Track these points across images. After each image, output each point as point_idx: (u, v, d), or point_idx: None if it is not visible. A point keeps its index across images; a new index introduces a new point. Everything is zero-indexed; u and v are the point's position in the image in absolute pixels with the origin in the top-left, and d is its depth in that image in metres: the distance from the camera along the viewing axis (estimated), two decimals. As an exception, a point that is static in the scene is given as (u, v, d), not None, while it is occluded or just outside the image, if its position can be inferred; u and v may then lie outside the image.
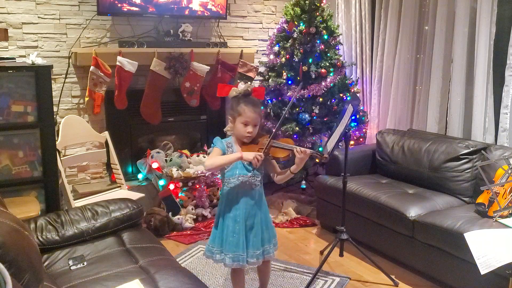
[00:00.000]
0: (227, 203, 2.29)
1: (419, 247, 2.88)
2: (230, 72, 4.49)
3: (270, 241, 2.36)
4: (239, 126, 2.22)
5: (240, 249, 2.24)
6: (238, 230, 2.25)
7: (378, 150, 3.79)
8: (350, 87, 4.16)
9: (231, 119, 2.26)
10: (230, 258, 2.25)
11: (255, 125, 2.23)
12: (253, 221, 2.28)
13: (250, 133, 2.22)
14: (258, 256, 2.29)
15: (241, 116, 2.20)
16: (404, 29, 4.04)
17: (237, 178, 2.25)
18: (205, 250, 2.37)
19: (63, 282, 1.95)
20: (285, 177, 2.32)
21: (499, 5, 3.32)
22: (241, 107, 2.21)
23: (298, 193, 4.44)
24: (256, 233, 2.29)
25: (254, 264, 2.33)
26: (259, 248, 2.29)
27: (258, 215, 2.30)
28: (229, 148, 2.26)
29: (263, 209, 2.35)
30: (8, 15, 3.69)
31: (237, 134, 2.25)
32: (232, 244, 2.25)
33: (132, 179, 4.31)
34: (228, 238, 2.26)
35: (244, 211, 2.26)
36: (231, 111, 2.27)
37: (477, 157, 3.19)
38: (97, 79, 3.90)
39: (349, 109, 2.69)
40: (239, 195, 2.26)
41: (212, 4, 4.38)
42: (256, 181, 2.28)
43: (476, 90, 3.45)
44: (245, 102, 2.22)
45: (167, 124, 4.53)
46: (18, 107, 2.62)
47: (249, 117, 2.20)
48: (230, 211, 2.27)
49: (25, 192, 2.73)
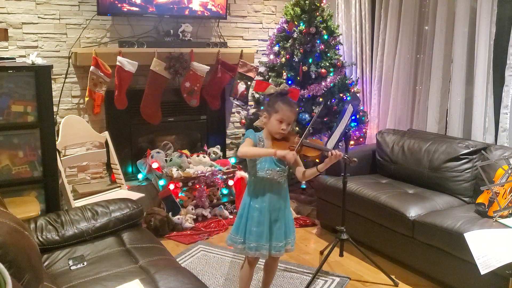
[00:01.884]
0: (253, 194, 2.35)
1: (419, 247, 2.87)
2: (230, 72, 4.49)
3: (292, 234, 2.42)
4: (275, 122, 2.28)
5: (264, 240, 2.30)
6: (263, 221, 2.31)
7: (378, 150, 3.78)
8: (350, 87, 4.16)
9: (266, 115, 2.32)
10: (253, 247, 2.30)
11: (289, 124, 2.30)
12: (277, 214, 2.34)
13: (284, 130, 2.29)
14: (280, 248, 2.34)
15: (277, 113, 2.27)
16: (404, 29, 4.04)
17: (265, 171, 2.31)
18: (227, 239, 2.42)
19: (63, 282, 1.95)
20: (311, 174, 2.39)
21: (499, 5, 3.32)
22: (278, 104, 2.28)
23: (298, 193, 4.44)
24: (280, 226, 2.35)
25: (276, 256, 2.39)
26: (282, 240, 2.35)
27: (282, 209, 2.36)
28: (260, 142, 2.33)
29: (287, 204, 2.41)
30: (8, 15, 3.70)
31: (270, 129, 2.31)
32: (256, 234, 2.30)
33: (132, 179, 4.31)
34: (252, 228, 2.31)
35: (269, 204, 2.32)
36: (267, 107, 2.33)
37: (477, 157, 3.19)
38: (97, 79, 3.90)
39: (349, 109, 2.69)
40: (266, 188, 2.32)
41: (212, 4, 4.38)
42: (282, 176, 2.35)
43: (476, 90, 3.45)
44: (282, 101, 2.29)
45: (167, 124, 4.53)
46: (18, 107, 2.62)
47: (285, 115, 2.27)
48: (256, 203, 2.33)
49: (25, 192, 2.72)
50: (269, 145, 2.31)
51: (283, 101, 2.29)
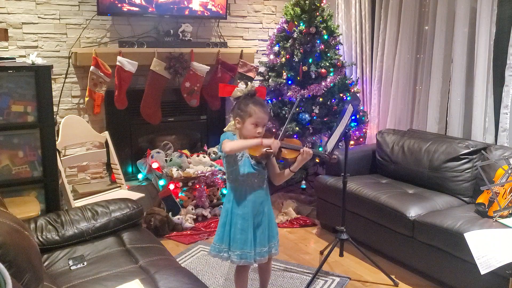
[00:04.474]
0: (234, 201, 2.30)
1: (419, 247, 2.88)
2: (230, 72, 4.49)
3: (275, 238, 2.38)
4: (250, 127, 2.21)
5: (248, 246, 2.26)
6: (247, 228, 2.26)
7: (378, 150, 3.78)
8: (350, 87, 4.16)
9: (239, 120, 2.24)
10: (237, 255, 2.26)
11: (264, 125, 2.25)
12: (260, 218, 2.30)
13: (260, 134, 2.22)
14: (264, 254, 2.31)
15: (251, 117, 2.20)
16: (404, 29, 4.04)
17: (246, 176, 2.26)
18: (211, 249, 2.35)
19: (63, 282, 1.95)
20: (285, 176, 2.34)
21: (499, 5, 3.32)
22: (251, 107, 2.20)
23: (298, 193, 4.44)
24: (263, 230, 2.31)
25: (261, 262, 2.35)
26: (265, 245, 2.31)
27: (265, 213, 2.32)
28: None
29: (268, 207, 2.37)
30: (8, 15, 3.70)
31: (246, 134, 2.24)
32: (240, 241, 2.26)
33: (132, 179, 4.32)
34: (236, 236, 2.26)
35: (252, 209, 2.27)
36: (238, 112, 2.24)
37: (477, 157, 3.19)
38: (97, 79, 3.90)
39: (349, 109, 2.69)
40: (247, 193, 2.27)
41: (212, 4, 4.38)
42: (262, 179, 2.30)
43: (476, 90, 3.45)
44: (254, 103, 2.22)
45: (167, 124, 4.53)
46: (18, 107, 2.62)
47: (260, 117, 2.20)
48: (238, 209, 2.28)
49: (25, 192, 2.72)
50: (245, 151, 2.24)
51: (254, 103, 2.21)
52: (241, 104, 2.25)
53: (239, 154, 2.25)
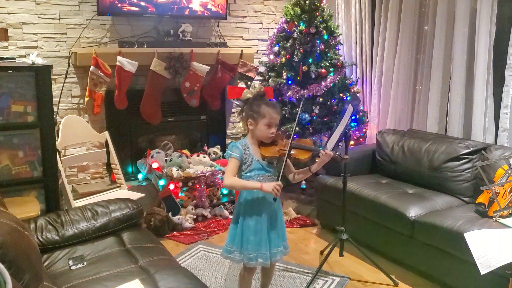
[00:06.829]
0: (247, 203, 2.29)
1: (419, 247, 2.87)
2: (230, 72, 4.49)
3: (285, 237, 2.40)
4: (263, 128, 2.22)
5: (263, 248, 2.26)
6: (260, 229, 2.26)
7: (378, 150, 3.78)
8: (350, 87, 4.16)
9: (252, 122, 2.24)
10: (253, 257, 2.25)
11: (276, 126, 2.26)
12: (274, 220, 2.31)
13: (273, 134, 2.24)
14: (279, 254, 2.32)
15: (265, 118, 2.21)
16: (404, 29, 4.04)
17: (256, 178, 2.25)
18: (223, 251, 2.34)
19: (63, 282, 1.95)
20: (304, 176, 2.36)
21: (499, 5, 3.32)
22: (264, 108, 2.21)
23: (298, 193, 4.44)
24: (278, 231, 2.32)
25: (276, 262, 2.36)
26: (279, 245, 2.32)
27: (278, 214, 2.33)
28: (246, 151, 2.25)
29: (280, 207, 2.38)
30: (8, 15, 3.70)
31: (259, 135, 2.25)
32: (254, 243, 2.25)
33: (132, 179, 4.32)
34: (250, 237, 2.26)
35: (265, 210, 2.27)
36: (250, 113, 2.24)
37: (477, 157, 3.18)
38: (97, 79, 3.90)
39: (349, 109, 2.69)
40: (260, 195, 2.26)
41: (212, 4, 4.38)
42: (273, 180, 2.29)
43: (476, 90, 3.45)
44: (266, 104, 2.23)
45: (167, 124, 4.53)
46: (18, 107, 2.62)
47: (273, 118, 2.22)
48: (251, 211, 2.28)
49: (25, 192, 2.72)
50: (256, 151, 2.26)
51: (267, 104, 2.23)
52: (253, 105, 2.25)
53: (248, 160, 2.25)
